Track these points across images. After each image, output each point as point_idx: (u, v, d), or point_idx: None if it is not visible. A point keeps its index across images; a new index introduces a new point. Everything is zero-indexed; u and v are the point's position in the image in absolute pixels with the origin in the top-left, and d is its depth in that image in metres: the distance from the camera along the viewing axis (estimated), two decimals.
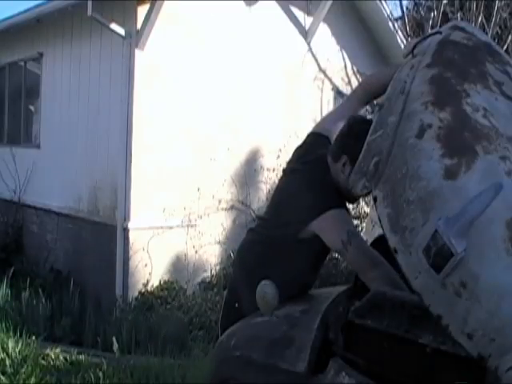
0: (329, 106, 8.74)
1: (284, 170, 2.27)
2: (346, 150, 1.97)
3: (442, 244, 1.25)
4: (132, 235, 6.14)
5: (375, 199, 1.46)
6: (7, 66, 8.54)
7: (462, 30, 1.79)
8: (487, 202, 1.25)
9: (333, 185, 2.04)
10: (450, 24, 1.94)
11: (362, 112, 2.83)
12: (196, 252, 6.79)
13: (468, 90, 1.51)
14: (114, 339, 4.41)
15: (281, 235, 2.05)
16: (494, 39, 9.02)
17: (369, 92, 2.23)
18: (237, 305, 2.17)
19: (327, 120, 2.40)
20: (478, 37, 1.78)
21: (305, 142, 2.26)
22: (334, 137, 2.14)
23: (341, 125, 2.12)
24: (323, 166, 2.06)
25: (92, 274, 6.46)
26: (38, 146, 7.82)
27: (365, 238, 2.66)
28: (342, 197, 2.05)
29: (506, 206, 1.29)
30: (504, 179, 1.33)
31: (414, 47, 1.79)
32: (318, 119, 9.58)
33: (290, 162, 2.26)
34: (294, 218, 2.01)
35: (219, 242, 7.09)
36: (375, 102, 2.47)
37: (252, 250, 2.20)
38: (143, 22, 6.00)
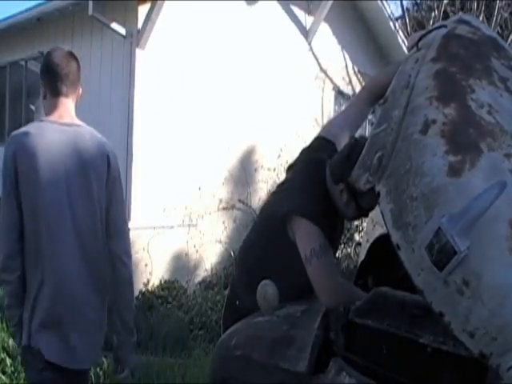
0: (330, 106, 8.73)
1: (287, 169, 2.25)
2: (344, 174, 1.85)
3: (445, 241, 1.24)
4: (132, 235, 6.07)
5: (378, 194, 1.45)
6: (8, 66, 8.53)
7: (468, 23, 1.76)
8: (491, 200, 1.24)
9: (323, 196, 1.98)
10: (455, 17, 1.91)
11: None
12: (197, 251, 6.79)
13: (473, 86, 1.49)
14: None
15: (273, 230, 2.00)
16: None
17: (374, 93, 2.20)
18: (237, 302, 2.15)
19: (333, 124, 2.36)
20: (483, 31, 1.75)
21: (311, 145, 2.23)
22: (340, 142, 2.12)
23: (347, 131, 2.10)
24: (322, 172, 2.00)
25: None
26: None
27: (365, 238, 2.64)
28: (329, 216, 1.97)
29: (510, 204, 1.27)
30: (508, 177, 1.31)
31: (419, 40, 1.77)
32: (319, 119, 9.48)
33: (294, 163, 2.23)
34: (279, 209, 1.98)
35: (220, 242, 7.09)
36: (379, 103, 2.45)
37: (252, 248, 2.18)
38: (144, 21, 5.99)
